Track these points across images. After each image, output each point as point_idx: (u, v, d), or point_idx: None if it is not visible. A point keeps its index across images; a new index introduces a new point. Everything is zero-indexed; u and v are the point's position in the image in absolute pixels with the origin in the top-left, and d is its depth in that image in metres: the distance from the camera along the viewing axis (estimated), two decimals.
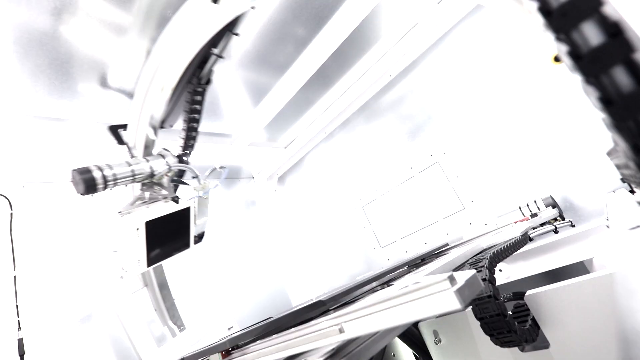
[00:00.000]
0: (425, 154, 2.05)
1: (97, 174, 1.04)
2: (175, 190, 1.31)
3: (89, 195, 1.09)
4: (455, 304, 0.35)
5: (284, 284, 2.67)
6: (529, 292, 0.85)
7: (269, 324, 0.73)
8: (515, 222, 1.47)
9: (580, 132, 1.51)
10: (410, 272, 1.04)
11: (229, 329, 1.71)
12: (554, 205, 1.48)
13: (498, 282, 1.47)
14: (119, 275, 1.40)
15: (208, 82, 1.35)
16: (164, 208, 1.15)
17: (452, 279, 0.37)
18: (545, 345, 0.81)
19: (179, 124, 1.46)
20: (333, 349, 0.59)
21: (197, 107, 1.37)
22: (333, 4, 1.57)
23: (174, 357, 1.42)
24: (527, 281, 1.59)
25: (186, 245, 1.32)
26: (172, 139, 1.50)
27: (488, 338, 0.76)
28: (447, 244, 1.71)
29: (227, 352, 0.78)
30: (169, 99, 1.28)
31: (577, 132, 1.52)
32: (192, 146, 1.50)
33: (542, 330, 0.81)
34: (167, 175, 1.25)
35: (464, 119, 1.88)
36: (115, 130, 1.30)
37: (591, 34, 0.31)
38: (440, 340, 1.06)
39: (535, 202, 1.50)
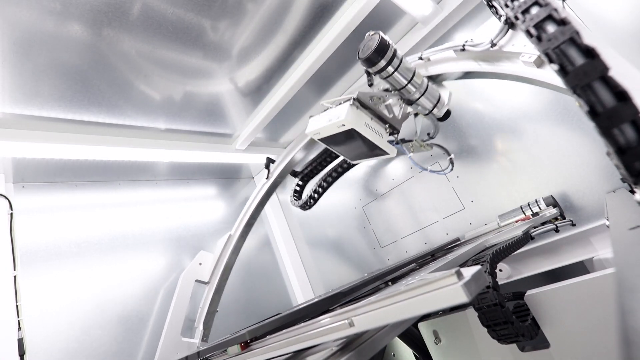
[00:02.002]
0: (425, 154, 2.05)
1: (390, 44, 0.97)
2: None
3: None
4: (463, 297, 0.37)
5: (284, 283, 2.67)
6: (529, 292, 0.86)
7: (286, 316, 0.76)
8: (516, 222, 1.47)
9: (581, 132, 1.51)
10: (414, 270, 1.05)
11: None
12: (555, 204, 1.48)
13: (498, 282, 1.47)
14: (199, 262, 1.78)
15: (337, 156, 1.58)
16: (376, 136, 1.07)
17: (459, 274, 0.39)
18: (545, 345, 0.81)
19: None
20: (342, 343, 0.61)
21: (335, 175, 1.90)
22: (333, 3, 1.57)
23: (182, 353, 1.44)
24: (527, 281, 1.59)
25: (351, 157, 1.30)
26: None
27: (488, 338, 0.76)
28: (458, 239, 1.73)
29: (246, 344, 0.78)
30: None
31: (577, 132, 1.52)
32: (320, 194, 1.92)
33: (542, 330, 0.81)
34: (424, 116, 1.18)
35: (464, 119, 1.88)
36: (269, 160, 1.68)
37: (574, 56, 0.40)
38: (440, 340, 1.06)
39: (536, 201, 1.50)
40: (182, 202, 2.39)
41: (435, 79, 1.27)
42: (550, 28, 0.43)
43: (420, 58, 1.26)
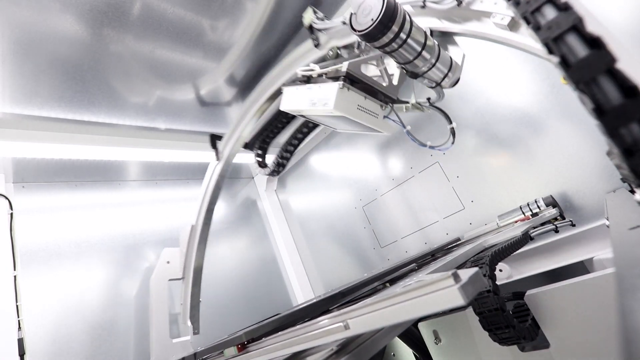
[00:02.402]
0: (425, 154, 2.05)
1: (400, 13, 0.76)
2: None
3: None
4: (459, 300, 0.36)
5: (284, 283, 2.67)
6: (529, 292, 0.85)
7: (283, 317, 0.75)
8: (516, 222, 1.47)
9: (580, 132, 1.51)
10: (412, 271, 1.05)
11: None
12: (555, 204, 1.48)
13: (498, 282, 1.47)
14: (166, 260, 1.66)
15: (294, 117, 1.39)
16: (367, 117, 0.94)
17: (456, 276, 0.38)
18: (545, 345, 0.81)
19: None
20: (338, 345, 0.61)
21: (298, 142, 1.73)
22: (333, 3, 1.57)
23: (180, 353, 1.44)
24: (527, 281, 1.59)
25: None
26: None
27: (488, 338, 0.76)
28: (459, 239, 1.72)
29: (242, 346, 0.78)
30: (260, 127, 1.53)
31: (577, 132, 1.52)
32: (284, 166, 1.74)
33: (542, 330, 0.81)
34: (436, 78, 0.98)
35: (464, 119, 1.88)
36: (213, 137, 1.43)
37: (578, 48, 0.35)
38: (440, 340, 1.06)
39: (535, 201, 1.50)
40: (182, 202, 2.39)
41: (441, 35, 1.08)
42: (550, 13, 0.38)
43: None
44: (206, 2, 1.31)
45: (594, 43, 0.34)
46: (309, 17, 1.16)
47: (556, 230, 1.29)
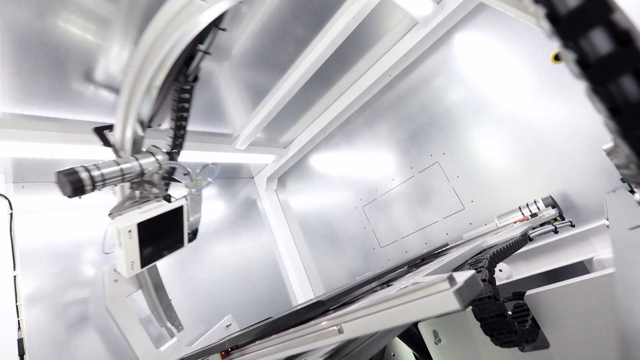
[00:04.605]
0: (425, 154, 2.06)
1: (84, 175, 1.00)
2: (166, 189, 1.29)
3: (77, 198, 1.04)
4: (455, 305, 0.35)
5: (284, 283, 2.67)
6: (529, 292, 0.85)
7: (268, 324, 0.73)
8: (515, 222, 1.47)
9: (580, 132, 1.51)
10: (409, 272, 1.04)
11: (227, 326, 1.70)
12: (554, 205, 1.48)
13: (498, 282, 1.48)
14: (113, 279, 1.41)
15: (196, 79, 1.30)
16: (157, 208, 1.11)
17: (451, 279, 0.37)
18: (545, 345, 0.81)
19: (167, 123, 1.43)
20: (332, 350, 0.59)
21: (185, 105, 1.33)
22: (333, 3, 1.57)
23: (173, 357, 1.42)
24: (527, 281, 1.59)
25: (180, 244, 1.29)
26: (161, 138, 1.48)
27: (488, 338, 0.76)
28: (447, 244, 1.71)
29: (226, 352, 0.77)
30: (156, 97, 1.22)
31: (577, 132, 1.52)
32: (180, 145, 1.47)
33: (542, 330, 0.81)
34: (157, 173, 1.22)
35: (464, 119, 1.88)
36: (100, 131, 1.26)
37: (600, 42, 0.30)
38: (440, 340, 1.06)
39: (535, 202, 1.50)
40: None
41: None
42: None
43: None
44: None
45: (623, 38, 0.29)
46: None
47: (555, 231, 1.29)
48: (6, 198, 1.60)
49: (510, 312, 0.73)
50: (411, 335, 1.38)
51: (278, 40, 1.64)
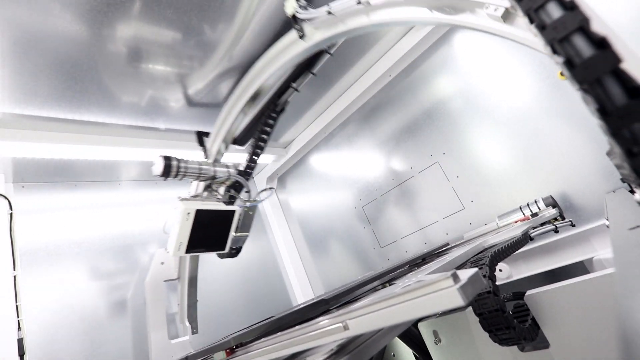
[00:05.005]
0: (425, 154, 2.06)
1: (174, 163, 1.26)
2: (230, 197, 1.46)
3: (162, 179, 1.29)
4: (459, 301, 0.36)
5: (284, 283, 2.67)
6: (529, 292, 0.85)
7: (273, 322, 0.74)
8: (515, 222, 1.47)
9: (580, 132, 1.51)
10: (411, 271, 1.05)
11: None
12: (554, 205, 1.48)
13: (498, 282, 1.47)
14: (160, 261, 1.65)
15: (282, 110, 1.55)
16: (215, 205, 1.35)
17: (455, 277, 0.38)
18: (545, 345, 0.81)
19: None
20: (337, 346, 0.60)
21: (268, 129, 1.56)
22: None
23: (179, 353, 1.43)
24: (527, 281, 1.59)
25: (222, 247, 1.44)
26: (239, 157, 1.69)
27: (488, 338, 0.76)
28: (447, 244, 1.72)
29: (231, 350, 0.78)
30: (249, 122, 1.50)
31: (577, 132, 1.52)
32: (253, 167, 1.68)
33: (542, 330, 0.81)
34: (225, 183, 1.42)
35: (464, 119, 1.88)
36: (200, 135, 1.49)
37: (581, 46, 0.35)
38: (440, 340, 1.06)
39: (535, 201, 1.50)
40: None
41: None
42: (555, 12, 0.37)
43: (359, 2, 1.07)
44: (206, 2, 1.31)
45: (600, 43, 0.33)
46: (291, 5, 1.19)
47: (556, 231, 1.29)
48: (6, 198, 1.60)
49: (509, 311, 0.73)
50: (411, 335, 1.38)
51: (278, 39, 1.64)
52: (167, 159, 1.26)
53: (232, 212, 1.40)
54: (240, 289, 2.37)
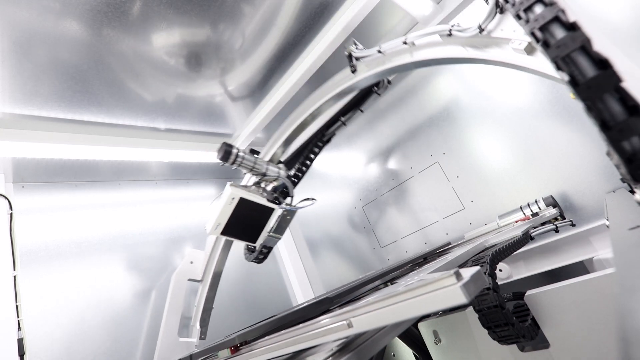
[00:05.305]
0: (425, 154, 2.06)
1: (234, 151, 1.36)
2: (275, 198, 1.53)
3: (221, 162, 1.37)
4: (462, 298, 0.37)
5: (284, 283, 2.67)
6: (529, 292, 0.85)
7: (278, 319, 0.75)
8: (516, 222, 1.47)
9: (580, 132, 1.51)
10: (413, 270, 1.05)
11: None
12: (555, 204, 1.48)
13: (498, 283, 1.47)
14: (190, 261, 1.77)
15: (328, 141, 1.67)
16: (258, 197, 1.43)
17: (458, 275, 0.38)
18: (545, 345, 0.81)
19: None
20: (341, 344, 0.61)
21: (312, 157, 1.70)
22: (333, 3, 1.57)
23: (183, 352, 1.44)
24: (527, 281, 1.59)
25: (252, 239, 1.50)
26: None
27: (488, 338, 0.76)
28: (449, 243, 1.72)
29: (236, 348, 0.78)
30: (297, 148, 1.65)
31: (577, 132, 1.52)
32: (296, 183, 1.76)
33: (542, 330, 0.81)
34: (273, 182, 1.51)
35: (464, 119, 1.88)
36: (252, 151, 1.58)
37: (585, 66, 0.38)
38: (440, 340, 1.06)
39: (536, 201, 1.50)
40: (182, 202, 2.39)
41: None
42: (559, 32, 0.40)
43: (405, 43, 1.22)
44: (206, 2, 1.31)
45: (602, 64, 0.36)
46: (349, 48, 1.42)
47: (556, 230, 1.29)
48: (6, 198, 1.60)
49: (509, 309, 0.73)
50: (411, 335, 1.38)
51: (278, 39, 1.64)
52: (229, 147, 1.37)
53: (272, 210, 1.48)
54: (240, 289, 2.37)
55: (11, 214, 1.59)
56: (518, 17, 0.43)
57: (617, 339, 0.27)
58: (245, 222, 1.43)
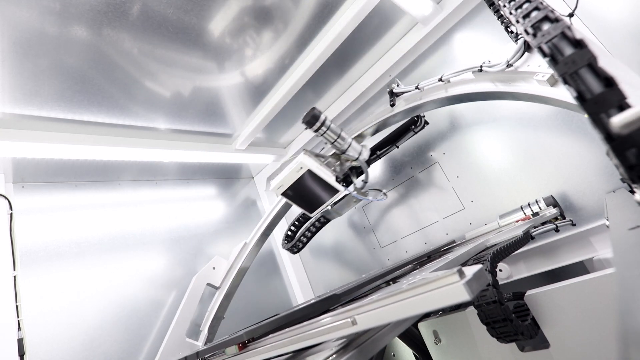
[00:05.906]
0: (425, 154, 2.06)
1: (322, 117, 1.28)
2: (349, 181, 1.48)
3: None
4: (465, 296, 0.38)
5: (284, 284, 2.67)
6: (529, 292, 0.86)
7: (282, 317, 0.76)
8: (517, 221, 1.47)
9: (580, 132, 1.51)
10: (415, 269, 1.05)
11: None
12: (555, 204, 1.48)
13: (498, 281, 1.47)
14: (212, 266, 1.83)
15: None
16: (326, 174, 1.38)
17: (461, 273, 0.39)
18: (545, 345, 0.81)
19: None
20: (345, 341, 0.61)
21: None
22: (333, 3, 1.57)
23: (180, 354, 1.44)
24: (527, 281, 1.59)
25: (311, 210, 1.49)
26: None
27: (488, 338, 0.76)
28: (453, 241, 1.72)
29: (243, 344, 0.79)
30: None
31: (577, 132, 1.52)
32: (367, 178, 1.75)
33: (542, 330, 0.81)
34: (350, 161, 1.45)
35: (464, 119, 1.88)
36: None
37: (591, 82, 0.41)
38: (440, 340, 1.06)
39: (536, 201, 1.50)
40: (182, 202, 2.39)
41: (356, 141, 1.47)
42: (567, 49, 0.43)
43: (440, 80, 1.37)
44: (206, 2, 1.31)
45: (607, 81, 0.40)
46: (392, 85, 1.58)
47: (557, 230, 1.29)
48: (6, 198, 1.61)
49: (508, 305, 0.74)
50: (411, 335, 1.38)
51: (278, 39, 1.64)
52: (318, 112, 1.30)
53: (336, 190, 1.43)
54: (240, 289, 2.37)
55: (11, 214, 1.59)
56: (541, 50, 0.47)
57: (616, 339, 0.27)
58: (308, 192, 1.41)
